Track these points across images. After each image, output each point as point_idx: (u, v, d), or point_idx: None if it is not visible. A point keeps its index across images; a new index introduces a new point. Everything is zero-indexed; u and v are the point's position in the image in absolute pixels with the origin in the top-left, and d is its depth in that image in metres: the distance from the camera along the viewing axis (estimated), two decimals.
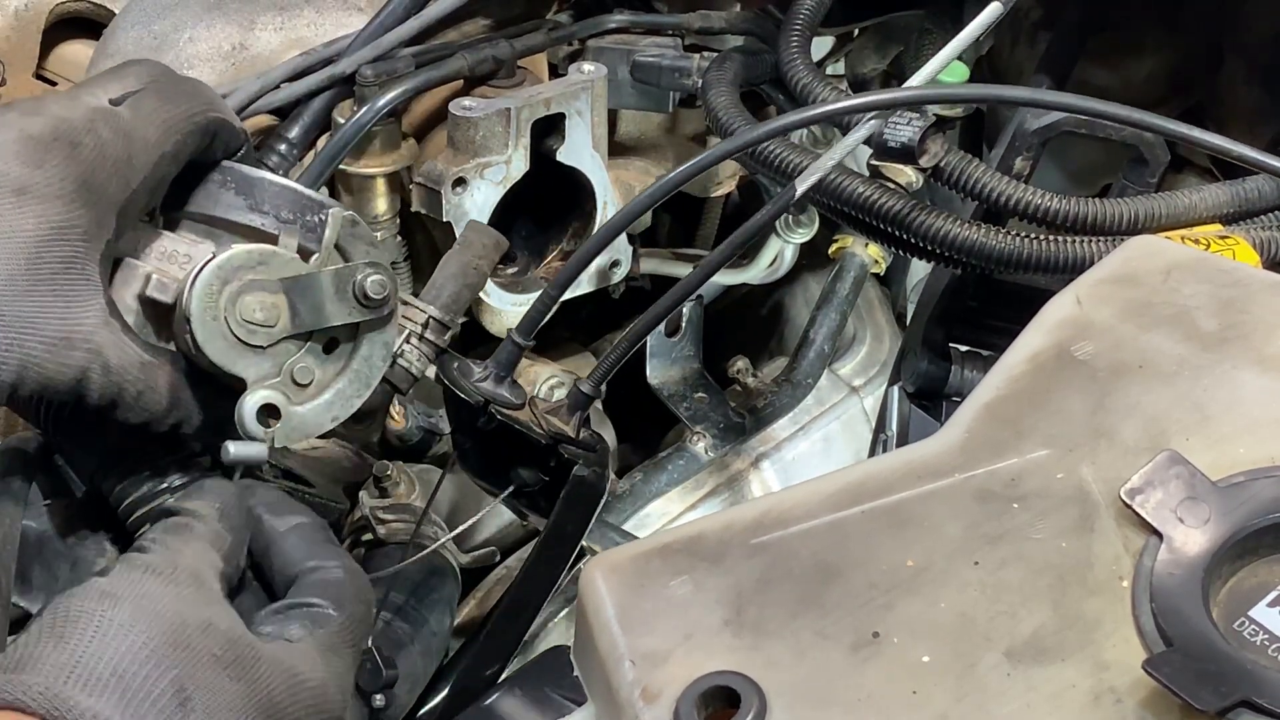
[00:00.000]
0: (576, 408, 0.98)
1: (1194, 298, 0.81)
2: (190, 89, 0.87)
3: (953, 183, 1.08)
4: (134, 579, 0.75)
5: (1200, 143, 1.02)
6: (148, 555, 0.78)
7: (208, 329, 0.83)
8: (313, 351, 0.86)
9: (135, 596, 0.73)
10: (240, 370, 0.84)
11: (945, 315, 1.22)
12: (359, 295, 0.85)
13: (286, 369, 0.86)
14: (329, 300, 0.85)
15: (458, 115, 1.22)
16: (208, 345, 0.83)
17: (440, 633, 1.20)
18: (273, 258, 0.84)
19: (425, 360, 0.95)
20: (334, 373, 0.88)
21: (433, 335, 0.95)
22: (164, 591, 0.74)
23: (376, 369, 0.88)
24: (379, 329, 0.88)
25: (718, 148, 1.06)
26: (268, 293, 0.84)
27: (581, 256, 1.02)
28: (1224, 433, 0.73)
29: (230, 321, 0.83)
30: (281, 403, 0.85)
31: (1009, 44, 1.47)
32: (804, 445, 1.48)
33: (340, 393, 0.88)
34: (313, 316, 0.85)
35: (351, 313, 0.86)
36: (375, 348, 0.88)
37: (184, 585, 0.76)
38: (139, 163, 0.81)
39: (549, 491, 0.98)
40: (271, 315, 0.84)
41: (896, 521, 0.72)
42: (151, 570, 0.76)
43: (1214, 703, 0.60)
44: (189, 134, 0.85)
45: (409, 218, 1.29)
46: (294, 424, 0.86)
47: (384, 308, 0.87)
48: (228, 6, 1.29)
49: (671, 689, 0.66)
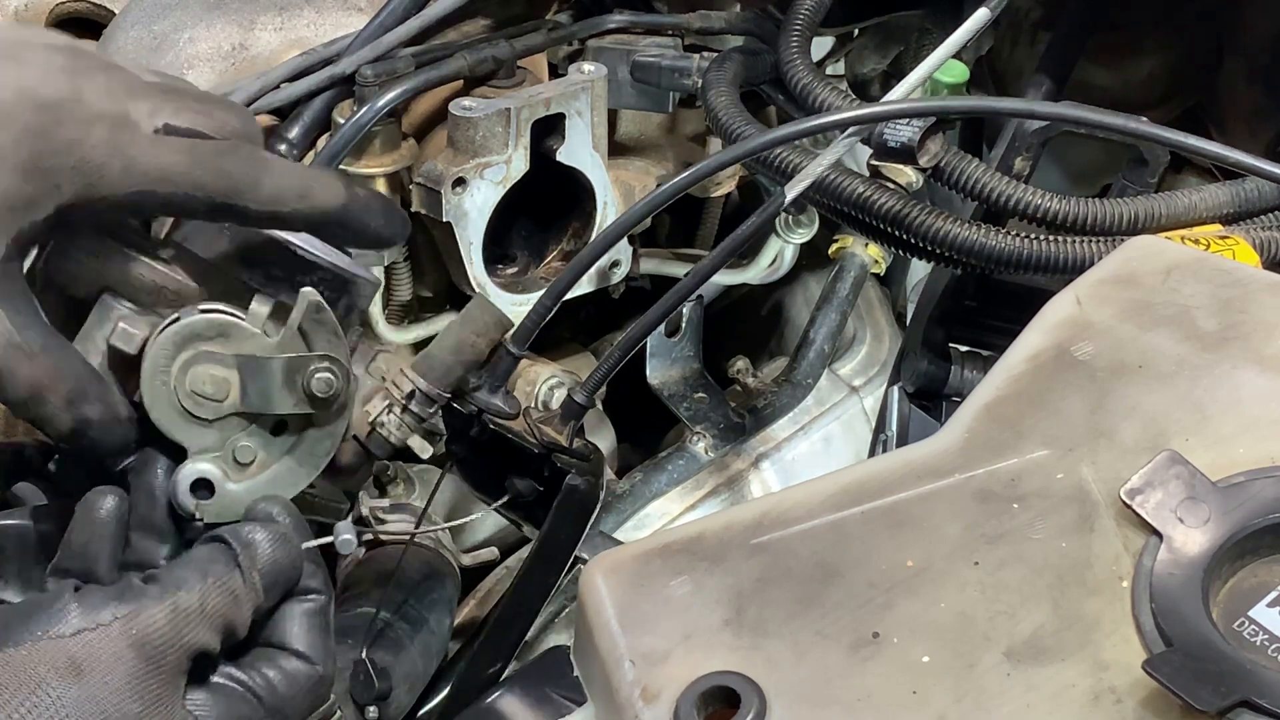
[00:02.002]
0: (570, 417, 0.98)
1: (1194, 298, 0.81)
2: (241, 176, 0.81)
3: (953, 183, 1.08)
4: (115, 653, 0.71)
5: (1195, 149, 1.02)
6: (154, 618, 0.73)
7: (155, 393, 0.82)
8: (258, 432, 0.85)
9: (100, 681, 0.70)
10: (182, 439, 0.83)
11: (945, 315, 1.22)
12: (306, 390, 0.83)
13: (229, 445, 0.84)
14: (277, 388, 0.83)
15: (458, 115, 1.22)
16: (153, 409, 0.82)
17: (440, 633, 1.20)
18: (234, 330, 0.83)
19: (406, 430, 0.93)
20: (278, 455, 0.85)
21: (417, 408, 0.93)
22: (130, 684, 0.71)
23: (319, 460, 0.86)
24: (329, 423, 0.86)
25: (719, 155, 1.06)
26: (221, 366, 0.82)
27: (578, 263, 1.02)
28: (1224, 433, 0.73)
29: (179, 390, 0.82)
30: (218, 479, 0.84)
31: (1009, 44, 1.47)
32: (804, 445, 1.48)
33: (279, 477, 0.85)
34: (260, 401, 0.83)
35: (298, 404, 0.83)
36: (321, 440, 0.86)
37: (157, 676, 0.72)
38: (112, 183, 0.78)
39: (543, 500, 0.99)
40: (221, 390, 0.82)
41: (896, 521, 0.72)
42: (141, 650, 0.72)
43: (1214, 703, 0.60)
44: (191, 203, 0.80)
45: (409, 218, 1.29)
46: (225, 502, 0.84)
47: (331, 406, 0.84)
48: (228, 6, 1.29)
49: (671, 689, 0.66)
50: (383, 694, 1.09)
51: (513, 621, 1.05)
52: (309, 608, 0.81)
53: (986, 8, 1.10)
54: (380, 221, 0.86)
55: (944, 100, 1.17)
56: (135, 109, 0.79)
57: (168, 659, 0.73)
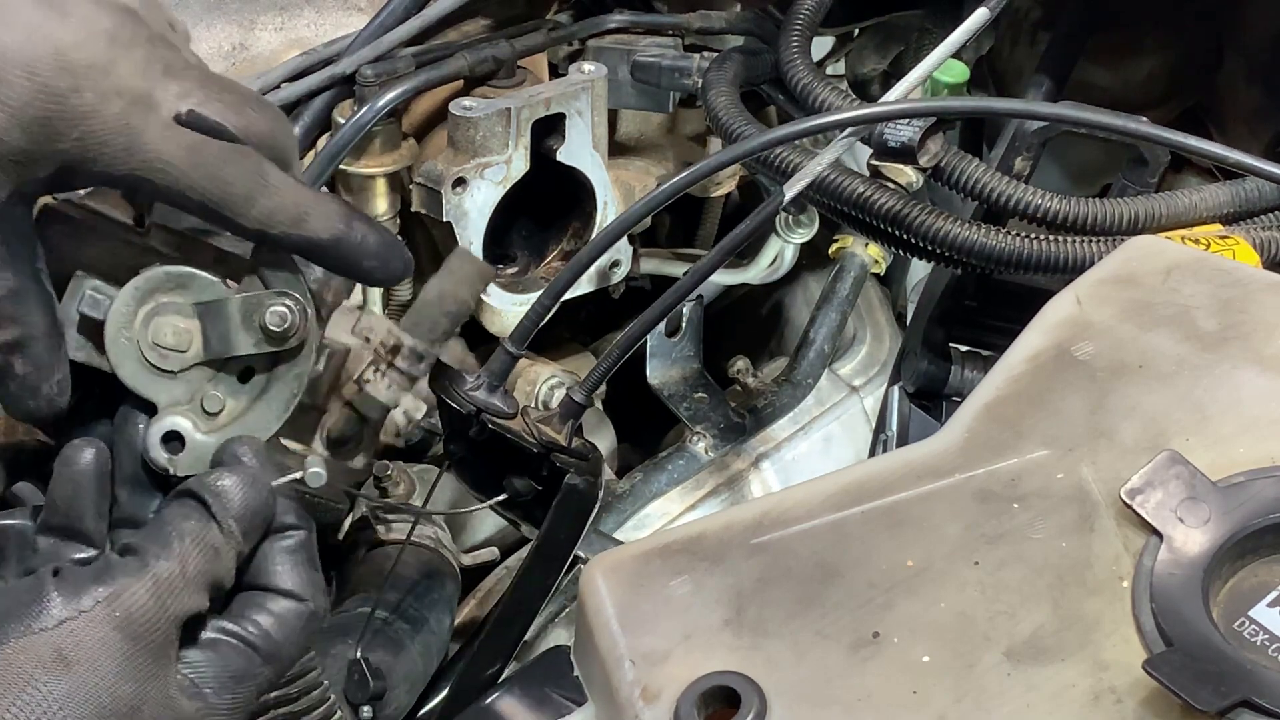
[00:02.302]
0: (568, 416, 0.98)
1: (1194, 298, 0.81)
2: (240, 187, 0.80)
3: (953, 183, 1.08)
4: (101, 638, 0.71)
5: (1195, 150, 1.02)
6: (136, 594, 0.73)
7: (119, 350, 0.81)
8: (225, 380, 0.84)
9: (89, 668, 0.70)
10: (150, 394, 0.82)
11: (945, 315, 1.22)
12: (262, 327, 0.82)
13: (198, 396, 0.83)
14: (235, 329, 0.82)
15: (458, 115, 1.22)
16: (120, 366, 0.81)
17: (440, 633, 1.20)
18: (192, 280, 0.82)
19: (395, 389, 0.91)
20: (246, 402, 0.85)
21: (404, 363, 0.92)
22: (120, 666, 0.71)
23: (286, 402, 0.85)
24: (291, 362, 0.84)
25: (719, 155, 1.06)
26: (181, 317, 0.82)
27: (577, 262, 1.02)
28: (1224, 433, 0.73)
29: (142, 344, 0.81)
30: (188, 430, 0.83)
31: (1009, 44, 1.47)
32: (804, 445, 1.48)
33: (248, 425, 0.84)
34: (221, 345, 0.82)
35: (258, 344, 0.83)
36: (287, 381, 0.85)
37: (146, 653, 0.72)
38: (111, 159, 0.77)
39: (542, 500, 0.98)
40: (184, 340, 0.82)
41: (896, 521, 0.72)
42: (126, 629, 0.72)
43: (1214, 703, 0.60)
44: (184, 200, 0.79)
45: (409, 218, 1.29)
46: (198, 454, 0.83)
47: (289, 340, 0.83)
48: (228, 6, 1.29)
49: (671, 689, 0.66)
50: (377, 694, 1.09)
51: (512, 621, 1.04)
52: (289, 544, 0.81)
53: (986, 7, 1.10)
54: (373, 263, 0.84)
55: (944, 100, 1.17)
56: (163, 90, 0.78)
57: (156, 632, 0.73)
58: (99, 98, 0.77)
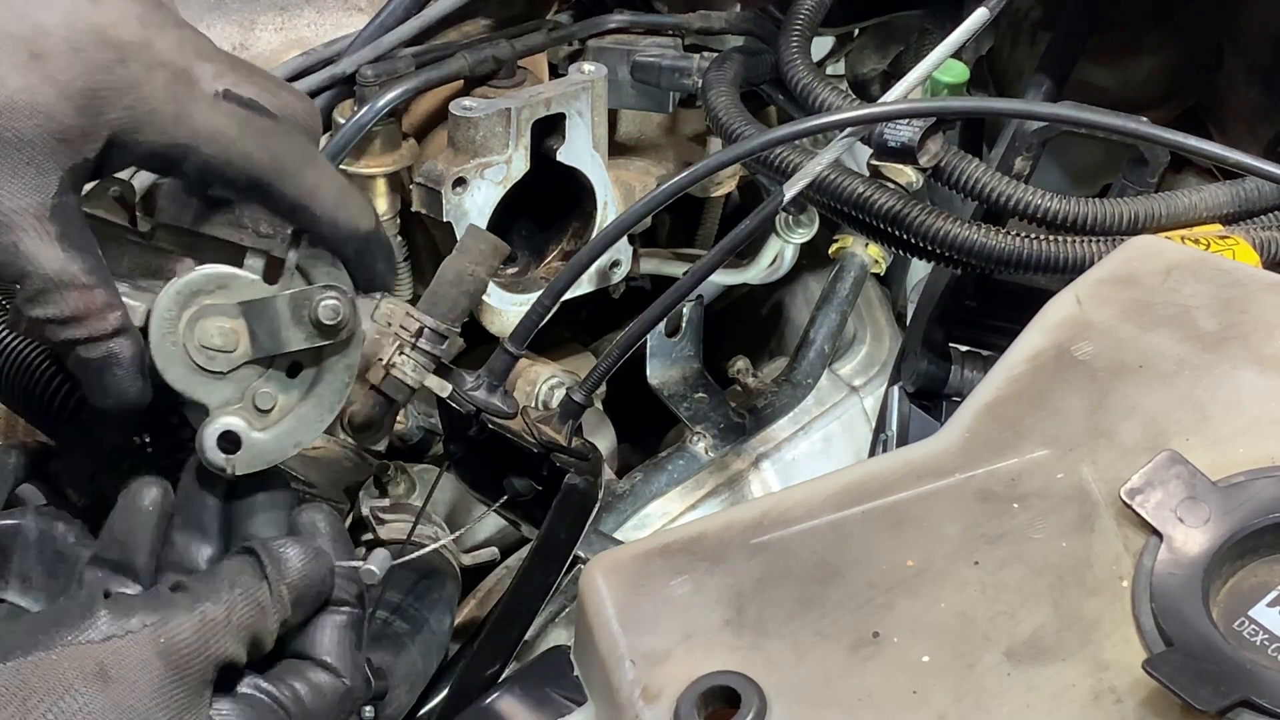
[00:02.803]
0: (568, 416, 0.98)
1: (1194, 298, 0.81)
2: (286, 158, 0.81)
3: (952, 183, 1.08)
4: (142, 661, 0.72)
5: (1195, 150, 1.02)
6: (183, 627, 0.73)
7: (166, 355, 0.81)
8: (275, 377, 0.84)
9: (128, 688, 0.71)
10: (201, 396, 0.83)
11: (945, 315, 1.22)
12: (313, 320, 0.83)
13: (248, 394, 0.84)
14: (285, 325, 0.83)
15: (458, 115, 1.22)
16: (167, 372, 0.81)
17: (440, 633, 1.20)
18: (233, 280, 0.82)
19: (421, 370, 0.93)
20: (297, 397, 0.85)
21: (428, 344, 0.93)
22: (157, 692, 0.71)
23: (339, 392, 0.86)
24: (341, 353, 0.85)
25: (719, 155, 1.06)
26: (226, 317, 0.82)
27: (577, 263, 1.02)
28: (1224, 433, 0.73)
29: (189, 347, 0.82)
30: (243, 429, 0.83)
31: (1009, 44, 1.47)
32: (804, 445, 1.48)
33: (303, 418, 0.85)
34: (271, 342, 0.83)
35: (309, 338, 0.83)
36: (339, 372, 0.85)
37: (184, 685, 0.73)
38: (159, 129, 0.78)
39: (542, 500, 0.98)
40: (230, 340, 0.82)
41: (896, 521, 0.72)
42: (168, 658, 0.72)
43: (1214, 703, 0.60)
44: (230, 170, 0.80)
45: (409, 218, 1.29)
46: (255, 452, 0.84)
47: (340, 333, 0.84)
48: (228, 6, 1.29)
49: (672, 689, 0.66)
50: (379, 694, 1.09)
51: (512, 621, 1.04)
52: (340, 620, 0.81)
53: (986, 7, 1.10)
54: (384, 267, 0.86)
55: (944, 100, 1.17)
56: (200, 69, 0.80)
57: (193, 668, 0.73)
58: (144, 68, 0.78)
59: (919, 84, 1.07)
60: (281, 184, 0.81)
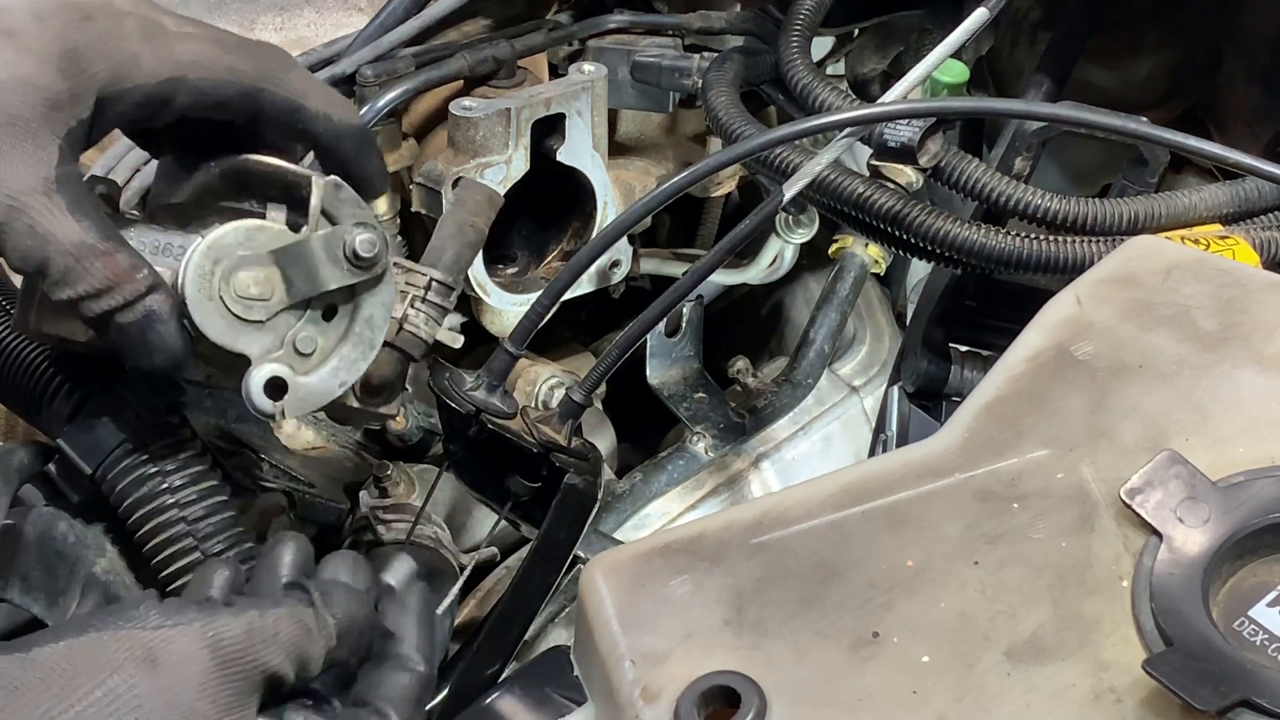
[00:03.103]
0: (568, 416, 0.98)
1: (1194, 298, 0.81)
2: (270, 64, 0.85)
3: (952, 183, 1.08)
4: (191, 651, 0.71)
5: (1195, 150, 1.02)
6: (230, 625, 0.73)
7: (204, 310, 0.82)
8: (312, 320, 0.85)
9: (175, 675, 0.70)
10: (242, 347, 0.83)
11: (945, 315, 1.22)
12: (350, 256, 0.84)
13: (289, 340, 0.85)
14: (322, 265, 0.84)
15: (458, 115, 1.22)
16: (206, 326, 0.82)
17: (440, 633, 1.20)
18: (261, 232, 0.83)
19: (433, 324, 0.93)
20: (336, 339, 0.86)
21: (436, 297, 0.93)
22: (204, 683, 0.71)
23: (379, 329, 0.87)
24: (375, 289, 0.87)
25: (719, 155, 1.06)
26: (260, 266, 0.83)
27: (577, 263, 1.02)
28: (1224, 433, 0.73)
29: (226, 299, 0.82)
30: (287, 375, 0.84)
31: (1009, 44, 1.47)
32: (804, 445, 1.48)
33: (345, 357, 0.86)
34: (308, 284, 0.84)
35: (345, 274, 0.84)
36: (375, 308, 0.87)
37: (230, 681, 0.72)
38: (146, 69, 0.80)
39: (541, 500, 0.98)
40: (266, 288, 0.83)
41: (896, 521, 0.72)
42: (213, 649, 0.72)
43: (1214, 702, 0.60)
44: (222, 88, 0.83)
45: (409, 218, 1.29)
46: (302, 395, 0.85)
47: (376, 266, 0.85)
48: (228, 6, 1.29)
49: (671, 689, 0.66)
50: None
51: (512, 621, 1.04)
52: (409, 679, 0.79)
53: (985, 7, 1.10)
54: (378, 163, 0.89)
55: (943, 101, 1.17)
56: (162, 18, 0.83)
57: (240, 669, 0.73)
58: (113, 19, 0.80)
59: (919, 84, 1.07)
60: (274, 87, 0.84)
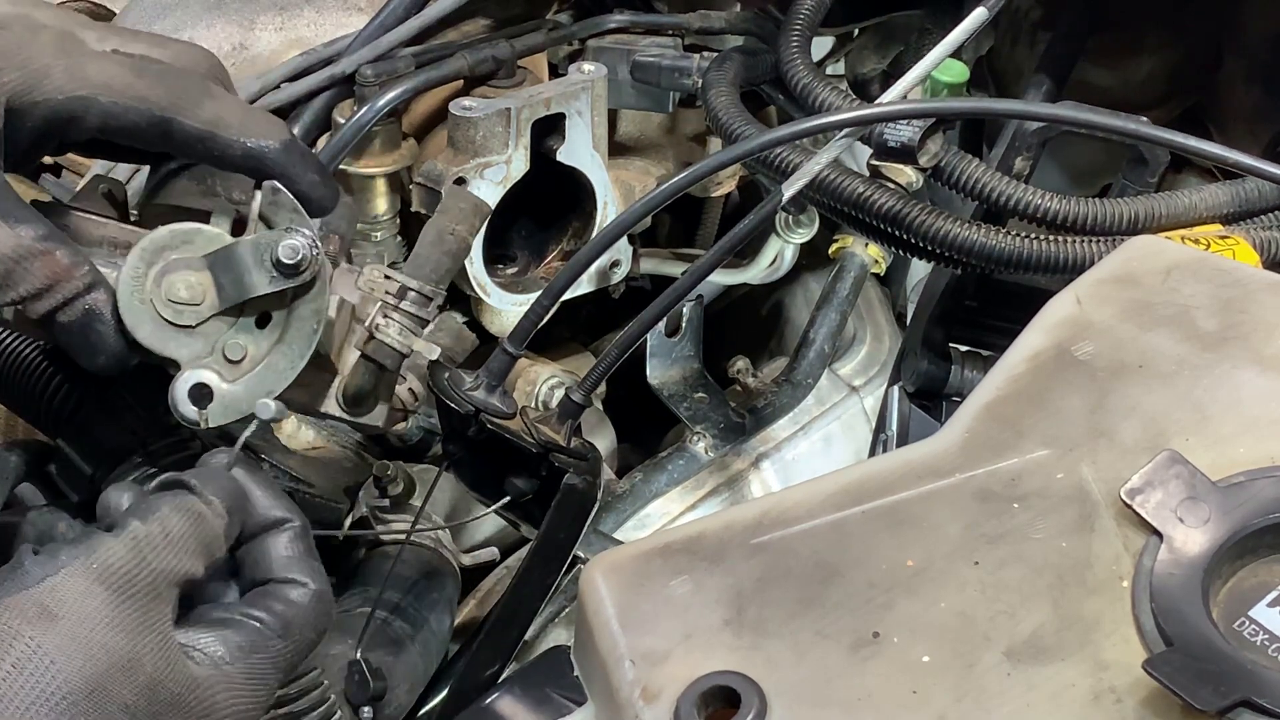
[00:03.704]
0: (567, 416, 0.98)
1: (1194, 298, 0.81)
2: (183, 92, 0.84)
3: (952, 182, 1.08)
4: (81, 590, 0.70)
5: (1195, 150, 1.02)
6: (113, 550, 0.73)
7: (135, 313, 0.82)
8: (245, 327, 0.85)
9: (75, 619, 0.69)
10: (171, 352, 0.83)
11: (945, 315, 1.22)
12: (275, 263, 0.83)
13: (219, 347, 0.84)
14: (248, 271, 0.83)
15: (458, 115, 1.22)
16: (137, 329, 0.82)
17: (440, 633, 1.20)
18: (197, 235, 0.83)
19: (408, 334, 0.92)
20: (268, 346, 0.85)
21: (412, 306, 0.92)
22: (106, 615, 0.70)
23: (309, 337, 0.86)
24: (307, 296, 0.85)
25: (719, 155, 1.06)
26: (192, 270, 0.82)
27: (576, 263, 1.02)
28: (1224, 433, 0.73)
29: (156, 303, 0.82)
30: (214, 381, 0.84)
31: (1009, 44, 1.46)
32: (804, 445, 1.48)
33: (272, 367, 0.85)
34: (236, 290, 0.83)
35: (272, 281, 0.83)
36: (306, 316, 0.86)
37: (132, 605, 0.71)
38: (55, 83, 0.80)
39: (541, 500, 0.98)
40: (197, 293, 0.83)
41: (896, 521, 0.72)
42: (105, 580, 0.71)
43: (1214, 703, 0.60)
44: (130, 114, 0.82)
45: (409, 218, 1.29)
46: (226, 402, 0.84)
47: (302, 274, 0.84)
48: (228, 6, 1.29)
49: (672, 689, 0.66)
50: (378, 694, 1.08)
51: (511, 621, 1.04)
52: (285, 537, 0.80)
53: (984, 7, 1.10)
54: (314, 177, 0.87)
55: (943, 101, 1.17)
56: (84, 34, 0.82)
57: (137, 587, 0.72)
58: (28, 30, 0.80)
59: (919, 84, 1.07)
60: (183, 117, 0.83)
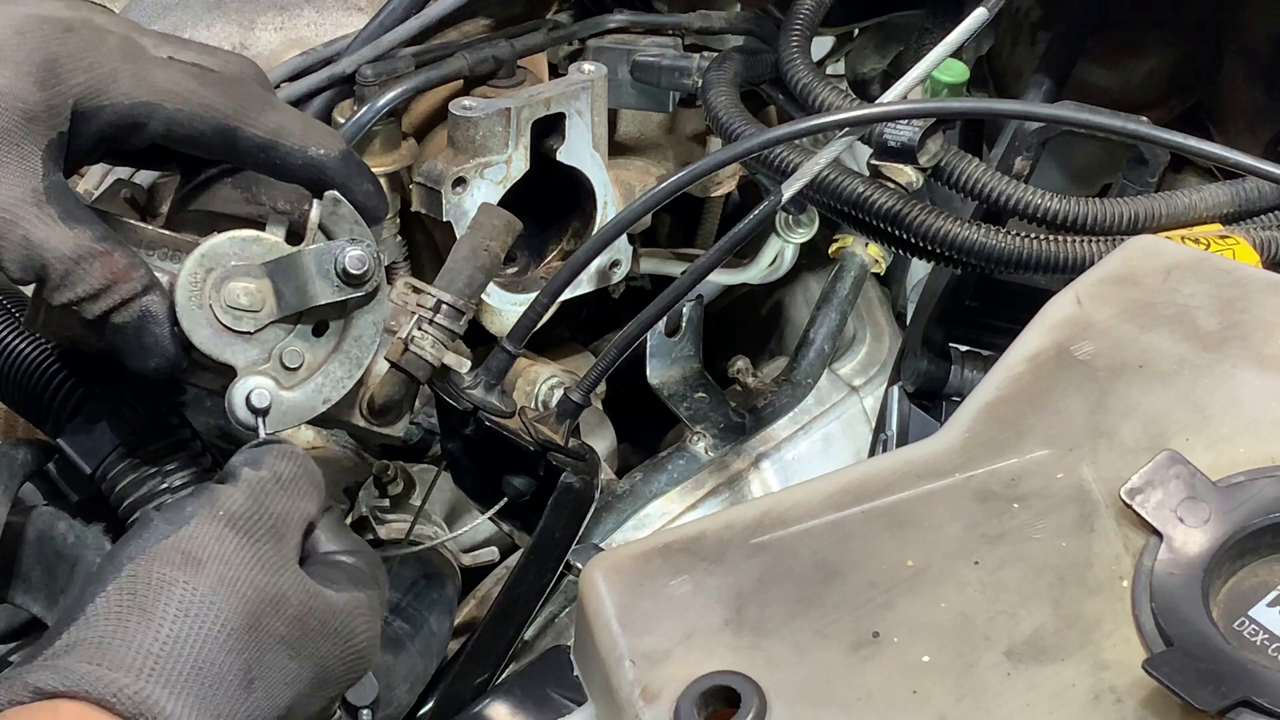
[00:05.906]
0: (566, 416, 0.98)
1: (1194, 298, 0.81)
2: (247, 102, 0.85)
3: (952, 182, 1.08)
4: (215, 534, 0.73)
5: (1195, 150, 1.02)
6: (233, 496, 0.75)
7: (192, 317, 0.82)
8: (301, 334, 0.85)
9: (217, 560, 0.72)
10: (228, 358, 0.83)
11: (945, 315, 1.22)
12: (340, 273, 0.84)
13: (275, 354, 0.85)
14: (311, 280, 0.84)
15: (458, 115, 1.22)
16: (194, 334, 0.82)
17: (440, 633, 1.20)
18: (256, 243, 0.83)
19: (440, 347, 0.92)
20: (324, 355, 0.86)
21: (445, 320, 0.92)
22: (244, 556, 0.73)
23: (367, 348, 0.87)
24: (367, 307, 0.86)
25: (718, 154, 1.06)
26: (252, 278, 0.83)
27: (575, 261, 1.02)
28: (1224, 433, 0.73)
29: (215, 309, 0.82)
30: (271, 388, 0.84)
31: (1009, 44, 1.47)
32: (804, 445, 1.48)
33: (330, 374, 0.86)
34: (297, 298, 0.84)
35: (335, 291, 0.84)
36: (365, 326, 0.87)
37: (263, 544, 0.74)
38: (122, 88, 0.81)
39: (537, 504, 0.98)
40: (256, 300, 0.83)
41: (896, 521, 0.72)
42: (234, 524, 0.73)
43: (1214, 703, 0.60)
44: (196, 122, 0.83)
45: (409, 218, 1.29)
46: (284, 409, 0.85)
47: (366, 284, 0.85)
48: (228, 6, 1.29)
49: (671, 688, 0.66)
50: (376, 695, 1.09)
51: (507, 618, 1.04)
52: (328, 520, 0.82)
53: (985, 7, 1.10)
54: (369, 187, 0.88)
55: (943, 101, 1.17)
56: (143, 39, 0.83)
57: (262, 528, 0.74)
58: (94, 34, 0.81)
59: (919, 84, 1.07)
60: (247, 125, 0.84)
